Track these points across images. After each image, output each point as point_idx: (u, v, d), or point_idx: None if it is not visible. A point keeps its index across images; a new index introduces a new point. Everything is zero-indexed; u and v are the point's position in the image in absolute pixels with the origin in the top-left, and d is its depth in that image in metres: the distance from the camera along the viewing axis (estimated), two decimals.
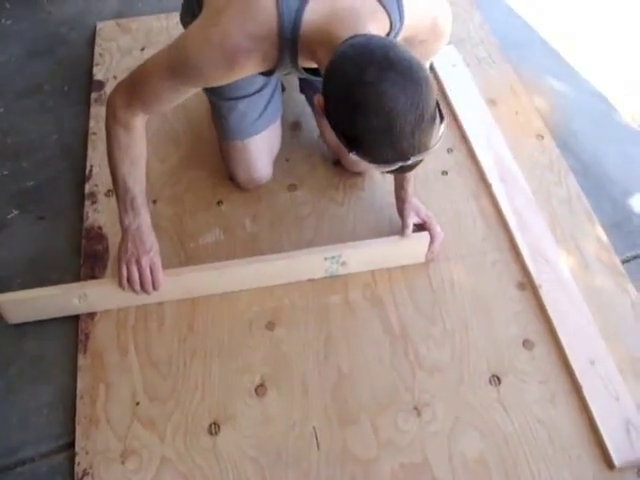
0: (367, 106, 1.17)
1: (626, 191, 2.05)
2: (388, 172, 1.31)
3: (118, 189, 1.62)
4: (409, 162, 1.23)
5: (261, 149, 1.93)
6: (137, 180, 1.61)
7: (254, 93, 1.83)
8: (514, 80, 2.36)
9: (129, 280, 1.65)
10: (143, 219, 1.65)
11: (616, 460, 1.48)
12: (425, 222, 1.79)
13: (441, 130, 1.26)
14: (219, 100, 1.85)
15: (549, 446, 1.52)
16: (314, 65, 1.43)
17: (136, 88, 1.51)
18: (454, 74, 2.34)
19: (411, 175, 1.79)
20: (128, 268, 1.64)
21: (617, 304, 1.76)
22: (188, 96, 1.54)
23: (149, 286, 1.66)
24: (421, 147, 1.22)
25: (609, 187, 2.06)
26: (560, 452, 1.51)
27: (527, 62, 2.46)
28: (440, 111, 1.25)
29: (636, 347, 1.67)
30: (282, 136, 2.03)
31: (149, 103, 1.53)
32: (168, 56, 1.46)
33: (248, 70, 1.45)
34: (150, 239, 1.67)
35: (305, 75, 1.55)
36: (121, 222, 1.65)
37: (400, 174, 1.31)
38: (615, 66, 2.48)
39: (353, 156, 1.23)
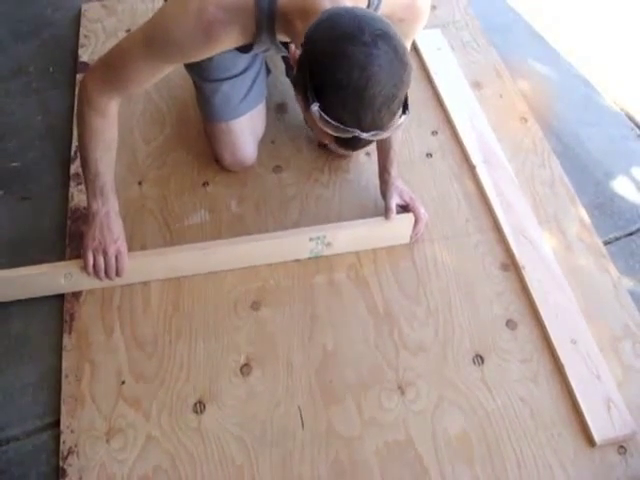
0: (354, 61, 1.14)
1: (608, 173, 2.07)
2: (338, 142, 1.27)
3: (88, 174, 1.62)
4: (364, 135, 1.21)
5: (245, 131, 1.93)
6: (108, 166, 1.62)
7: (238, 75, 1.83)
8: (498, 63, 2.37)
9: (94, 268, 1.66)
10: (111, 205, 1.67)
11: (597, 437, 1.50)
12: (408, 204, 1.80)
13: (400, 121, 1.25)
14: (203, 82, 1.85)
15: (531, 424, 1.54)
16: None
17: (112, 69, 1.50)
18: (439, 57, 2.35)
19: (394, 158, 1.80)
20: (94, 256, 1.66)
21: (599, 284, 1.78)
22: (164, 75, 1.53)
23: (113, 274, 1.68)
24: (382, 126, 1.21)
25: (592, 169, 2.08)
26: (542, 430, 1.53)
27: (511, 46, 2.47)
28: (406, 104, 1.25)
29: (617, 326, 1.69)
30: (267, 118, 2.04)
31: (125, 84, 1.52)
32: (144, 33, 1.45)
33: (226, 44, 1.44)
34: (118, 226, 1.68)
35: (284, 52, 1.54)
36: (89, 207, 1.66)
37: (347, 149, 1.30)
38: (598, 50, 2.49)
39: (313, 108, 1.19)
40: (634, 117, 2.25)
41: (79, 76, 2.26)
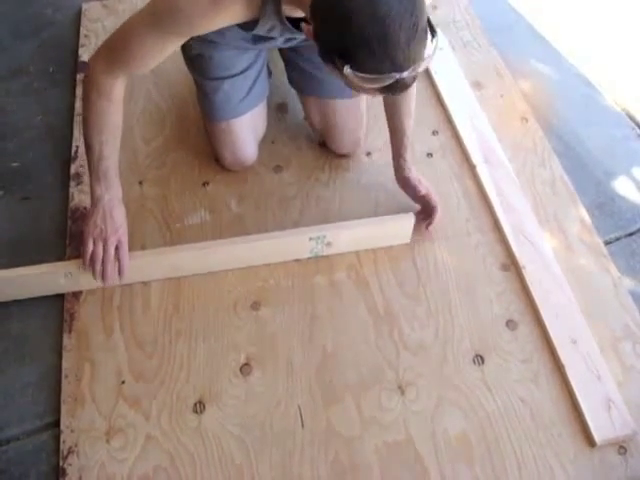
0: (361, 13, 1.14)
1: (609, 173, 2.07)
2: (382, 92, 1.26)
3: (92, 157, 1.59)
4: (404, 75, 1.19)
5: (246, 130, 1.92)
6: (113, 151, 1.60)
7: (239, 73, 1.83)
8: (499, 63, 2.37)
9: (92, 257, 1.62)
10: (115, 192, 1.64)
11: (597, 438, 1.50)
12: (426, 194, 1.83)
13: (433, 45, 1.23)
14: (204, 80, 1.85)
15: (531, 424, 1.54)
16: (299, 14, 1.41)
17: (118, 47, 1.49)
18: (440, 57, 2.33)
19: (408, 144, 1.81)
20: (94, 244, 1.61)
21: (599, 285, 1.78)
22: (170, 52, 1.51)
23: (109, 266, 1.63)
24: (416, 58, 1.20)
25: (592, 169, 2.08)
26: (542, 430, 1.53)
27: (512, 46, 2.47)
28: (432, 26, 1.23)
29: (617, 326, 1.69)
30: (268, 118, 2.03)
31: (131, 62, 1.50)
32: (148, 6, 1.44)
33: (232, 15, 1.42)
34: (120, 215, 1.65)
35: (291, 30, 1.52)
36: (92, 192, 1.63)
37: (393, 94, 1.28)
38: (598, 49, 2.49)
39: (347, 71, 1.19)
40: (635, 117, 2.25)
41: (79, 76, 2.25)
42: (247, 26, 1.50)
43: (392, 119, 1.81)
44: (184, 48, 1.83)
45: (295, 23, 1.48)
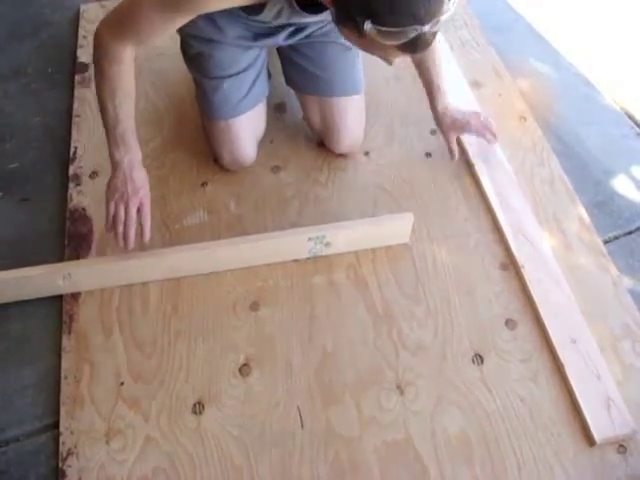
0: None
1: (608, 172, 2.07)
2: (402, 49, 1.28)
3: (108, 122, 1.57)
4: (425, 29, 1.22)
5: (245, 130, 1.92)
6: (128, 114, 1.57)
7: (239, 72, 1.83)
8: (498, 63, 2.37)
9: (114, 219, 1.60)
10: (134, 154, 1.61)
11: (597, 437, 1.49)
12: (467, 126, 1.91)
13: (452, 1, 1.25)
14: (203, 78, 1.85)
15: (531, 423, 1.53)
16: None
17: (124, 19, 1.48)
18: None
19: (441, 81, 1.87)
20: (116, 208, 1.59)
21: (598, 284, 1.77)
22: (179, 26, 1.50)
23: (131, 229, 1.61)
24: (436, 12, 1.22)
25: (591, 168, 2.07)
26: (542, 429, 1.53)
27: (511, 45, 2.47)
28: None
29: (616, 326, 1.69)
30: (267, 118, 2.03)
31: (138, 34, 1.48)
32: None
33: None
34: (141, 177, 1.63)
35: (298, 12, 1.52)
36: (111, 157, 1.60)
37: (414, 52, 1.29)
38: (598, 49, 2.49)
39: (367, 27, 1.21)
40: (634, 116, 2.25)
41: (78, 77, 2.26)
42: (254, 10, 1.50)
43: (419, 70, 1.88)
44: (184, 47, 1.84)
45: (303, 6, 1.48)
